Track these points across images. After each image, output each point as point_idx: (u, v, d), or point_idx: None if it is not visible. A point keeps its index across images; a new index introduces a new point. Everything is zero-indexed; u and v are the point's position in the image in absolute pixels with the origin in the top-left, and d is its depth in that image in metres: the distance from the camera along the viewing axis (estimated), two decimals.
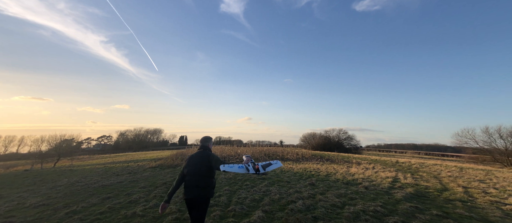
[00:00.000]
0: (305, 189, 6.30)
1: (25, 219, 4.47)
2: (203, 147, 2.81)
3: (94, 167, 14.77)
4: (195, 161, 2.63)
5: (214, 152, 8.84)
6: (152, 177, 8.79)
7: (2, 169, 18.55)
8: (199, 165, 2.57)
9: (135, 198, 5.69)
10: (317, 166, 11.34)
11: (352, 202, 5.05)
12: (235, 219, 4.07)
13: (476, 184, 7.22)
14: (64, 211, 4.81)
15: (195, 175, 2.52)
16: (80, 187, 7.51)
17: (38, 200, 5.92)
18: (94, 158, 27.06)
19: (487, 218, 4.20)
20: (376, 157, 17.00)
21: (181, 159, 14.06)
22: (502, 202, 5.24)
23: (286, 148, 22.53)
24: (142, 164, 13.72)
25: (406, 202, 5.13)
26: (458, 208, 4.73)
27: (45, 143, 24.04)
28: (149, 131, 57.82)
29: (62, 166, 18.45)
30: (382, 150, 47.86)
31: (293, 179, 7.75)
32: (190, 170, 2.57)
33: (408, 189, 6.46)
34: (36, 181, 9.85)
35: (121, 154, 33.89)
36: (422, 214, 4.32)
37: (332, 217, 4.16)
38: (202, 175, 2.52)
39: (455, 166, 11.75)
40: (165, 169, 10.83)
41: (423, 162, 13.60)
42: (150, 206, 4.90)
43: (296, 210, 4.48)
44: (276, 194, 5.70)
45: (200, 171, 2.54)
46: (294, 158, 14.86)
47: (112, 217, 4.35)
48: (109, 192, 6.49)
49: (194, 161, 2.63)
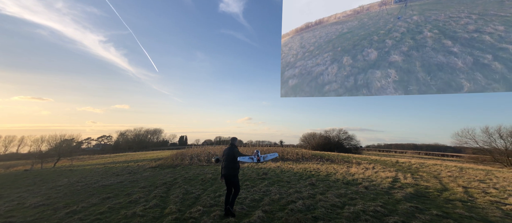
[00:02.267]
0: (305, 189, 6.30)
1: (25, 219, 4.47)
2: (231, 144, 4.58)
3: (94, 167, 14.77)
4: (226, 152, 4.37)
5: (216, 152, 15.68)
6: (152, 177, 8.79)
7: (2, 169, 18.55)
8: (228, 155, 4.29)
9: (135, 198, 5.69)
10: (317, 166, 11.34)
11: (352, 202, 5.05)
12: (235, 219, 4.07)
13: (476, 184, 7.22)
14: (64, 211, 4.81)
15: (226, 161, 4.25)
16: (80, 187, 7.51)
17: (38, 200, 5.92)
18: (94, 158, 27.04)
19: (487, 218, 4.20)
20: (376, 157, 17.01)
21: (181, 159, 14.07)
22: (502, 202, 5.24)
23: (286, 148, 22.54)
24: (142, 164, 13.72)
25: (406, 202, 5.13)
26: (458, 208, 4.73)
27: (45, 143, 24.04)
28: (149, 131, 57.79)
29: (62, 166, 18.45)
30: (382, 150, 47.86)
31: (293, 179, 7.75)
32: (224, 158, 4.31)
33: (408, 189, 6.46)
34: (36, 181, 9.85)
35: (121, 154, 33.87)
36: (422, 214, 4.32)
37: (332, 217, 4.16)
38: (230, 161, 4.22)
39: (455, 166, 11.75)
40: (165, 169, 10.82)
41: (423, 162, 13.60)
42: (150, 206, 4.90)
43: (296, 210, 4.48)
44: (276, 194, 5.70)
45: (229, 158, 4.25)
46: (294, 158, 14.86)
47: (112, 217, 4.35)
48: (109, 192, 6.49)
49: (226, 152, 4.37)
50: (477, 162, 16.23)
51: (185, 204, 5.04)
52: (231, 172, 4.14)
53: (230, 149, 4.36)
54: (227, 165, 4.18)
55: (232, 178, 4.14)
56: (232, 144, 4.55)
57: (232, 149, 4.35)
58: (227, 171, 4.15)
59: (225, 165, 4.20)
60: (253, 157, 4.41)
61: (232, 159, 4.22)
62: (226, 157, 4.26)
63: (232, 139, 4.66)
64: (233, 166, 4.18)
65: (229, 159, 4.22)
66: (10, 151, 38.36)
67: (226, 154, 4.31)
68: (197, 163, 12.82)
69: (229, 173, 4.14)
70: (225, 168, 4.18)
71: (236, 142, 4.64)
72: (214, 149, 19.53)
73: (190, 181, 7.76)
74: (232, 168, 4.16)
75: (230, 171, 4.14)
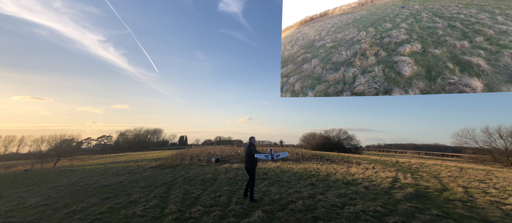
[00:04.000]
0: (305, 189, 6.30)
1: (25, 219, 4.47)
2: (250, 142, 5.37)
3: (94, 167, 14.77)
4: (246, 149, 5.28)
5: (216, 152, 16.19)
6: (152, 177, 8.79)
7: (2, 169, 18.55)
8: (246, 152, 5.22)
9: (135, 198, 5.69)
10: (317, 166, 11.34)
11: (352, 202, 5.05)
12: (235, 219, 4.07)
13: (476, 184, 7.21)
14: (64, 211, 4.81)
15: (245, 156, 5.24)
16: (80, 187, 7.51)
17: (38, 200, 5.92)
18: (94, 158, 27.03)
19: (487, 218, 4.20)
20: (376, 157, 17.00)
21: (181, 159, 14.08)
22: (502, 202, 5.24)
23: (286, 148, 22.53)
24: (142, 164, 13.72)
25: (406, 202, 5.13)
26: (458, 208, 4.73)
27: (45, 143, 24.03)
28: (149, 131, 57.77)
29: (62, 166, 18.44)
30: (382, 150, 47.84)
31: (293, 179, 7.75)
32: (244, 154, 5.28)
33: (408, 189, 6.45)
34: (36, 181, 9.85)
35: (121, 154, 33.87)
36: (422, 214, 4.32)
37: (332, 217, 4.16)
38: (248, 156, 5.18)
39: (455, 166, 11.74)
40: (165, 169, 10.82)
41: (423, 162, 13.60)
42: (150, 206, 4.90)
43: (296, 210, 4.48)
44: (276, 194, 5.70)
45: (247, 154, 5.20)
46: (294, 158, 14.85)
47: (112, 217, 4.35)
48: (109, 192, 6.49)
49: (245, 149, 5.29)
50: (477, 162, 16.22)
51: (185, 204, 5.04)
52: (248, 166, 5.15)
53: (248, 147, 5.23)
54: (246, 160, 5.19)
55: (249, 170, 5.14)
56: (250, 143, 5.35)
57: (249, 147, 5.19)
58: (246, 164, 5.21)
59: (245, 160, 5.23)
60: (268, 155, 5.15)
61: (249, 155, 5.14)
62: (246, 153, 5.23)
63: (250, 138, 5.46)
64: (249, 160, 5.12)
65: (247, 155, 5.18)
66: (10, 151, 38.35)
67: (245, 151, 5.26)
68: (197, 163, 12.82)
69: (247, 166, 5.18)
70: (244, 162, 5.24)
71: (253, 140, 5.39)
72: (214, 149, 19.52)
73: (190, 181, 7.76)
74: (249, 162, 5.13)
75: (247, 165, 5.17)
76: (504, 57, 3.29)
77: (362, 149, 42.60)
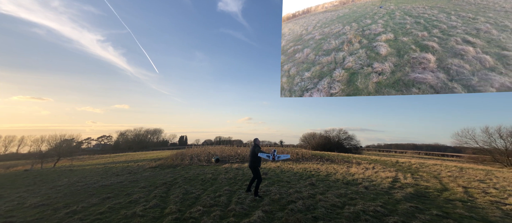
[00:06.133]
0: (305, 189, 6.30)
1: (25, 219, 4.47)
2: (255, 143, 5.79)
3: (94, 167, 14.77)
4: (251, 149, 5.63)
5: (216, 152, 16.79)
6: (152, 177, 8.79)
7: (2, 169, 18.55)
8: (251, 151, 5.58)
9: (135, 198, 5.69)
10: (317, 166, 11.34)
11: (352, 202, 5.05)
12: (235, 219, 4.07)
13: (476, 184, 7.22)
14: (64, 211, 4.81)
15: (250, 156, 5.58)
16: (80, 187, 7.51)
17: (38, 200, 5.92)
18: (94, 158, 27.04)
19: (487, 218, 4.20)
20: (376, 157, 17.01)
21: (181, 159, 14.07)
22: (502, 202, 5.24)
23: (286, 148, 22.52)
24: (142, 164, 13.72)
25: (406, 202, 5.13)
26: (458, 208, 4.73)
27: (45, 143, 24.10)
28: (149, 131, 57.76)
29: (62, 166, 18.45)
30: (382, 150, 47.82)
31: (293, 179, 7.75)
32: (249, 153, 5.67)
33: (408, 189, 6.45)
34: (36, 181, 9.85)
35: (121, 154, 33.87)
36: (422, 214, 4.32)
37: (332, 217, 4.16)
38: (252, 156, 5.53)
39: (455, 166, 11.75)
40: (165, 169, 10.82)
41: (423, 162, 13.60)
42: (150, 206, 4.90)
43: (296, 210, 4.48)
44: (276, 194, 5.70)
45: (251, 154, 5.55)
46: (294, 158, 14.86)
47: (112, 217, 4.35)
48: (109, 192, 6.49)
49: (251, 149, 5.63)
50: (477, 162, 16.21)
51: (185, 204, 5.04)
52: (252, 165, 5.51)
53: (253, 148, 5.64)
54: (250, 159, 5.56)
55: (253, 169, 5.50)
56: (255, 143, 5.77)
57: (253, 148, 5.61)
58: (250, 163, 5.56)
59: (249, 159, 5.59)
60: (269, 155, 5.46)
61: (254, 154, 5.50)
62: (250, 153, 5.61)
63: (254, 139, 5.90)
64: (254, 160, 5.49)
65: (252, 154, 5.56)
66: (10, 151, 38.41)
67: (250, 151, 5.63)
68: (197, 163, 12.82)
69: (251, 165, 5.53)
70: (249, 161, 5.58)
71: (257, 141, 5.85)
72: (214, 149, 19.53)
73: (190, 181, 7.76)
74: (253, 162, 5.49)
75: (251, 164, 5.52)
76: (451, 42, 4.76)
77: (362, 149, 42.60)
